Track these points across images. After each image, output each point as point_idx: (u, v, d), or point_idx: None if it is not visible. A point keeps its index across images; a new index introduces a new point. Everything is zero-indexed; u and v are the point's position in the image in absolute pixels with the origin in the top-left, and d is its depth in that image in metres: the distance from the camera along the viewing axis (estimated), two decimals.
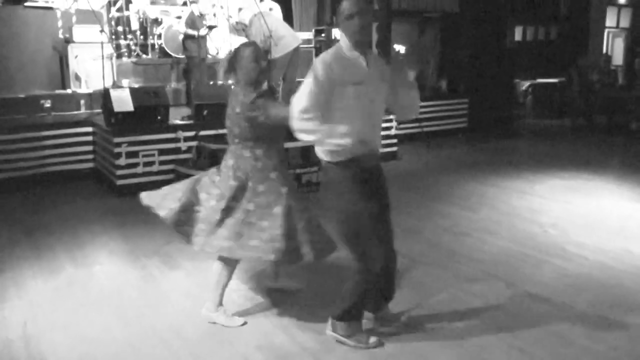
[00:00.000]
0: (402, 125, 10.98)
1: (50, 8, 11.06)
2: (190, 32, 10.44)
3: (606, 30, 20.43)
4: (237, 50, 4.45)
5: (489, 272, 5.43)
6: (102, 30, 10.23)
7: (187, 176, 8.24)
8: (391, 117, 10.45)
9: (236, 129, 4.35)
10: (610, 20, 20.51)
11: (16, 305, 4.94)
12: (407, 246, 6.07)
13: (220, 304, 4.56)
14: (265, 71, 4.47)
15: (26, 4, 10.92)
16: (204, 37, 10.53)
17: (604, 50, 19.72)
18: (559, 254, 5.86)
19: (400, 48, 11.81)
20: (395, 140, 10.66)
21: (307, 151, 8.44)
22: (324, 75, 3.74)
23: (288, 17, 11.43)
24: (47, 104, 9.89)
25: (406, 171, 9.75)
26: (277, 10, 10.89)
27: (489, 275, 5.37)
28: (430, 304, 4.83)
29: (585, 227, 6.72)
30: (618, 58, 20.27)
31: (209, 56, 11.29)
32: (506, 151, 11.61)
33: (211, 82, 10.85)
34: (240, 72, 4.37)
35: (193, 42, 10.33)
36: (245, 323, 4.52)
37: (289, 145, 8.29)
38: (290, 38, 9.78)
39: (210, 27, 11.12)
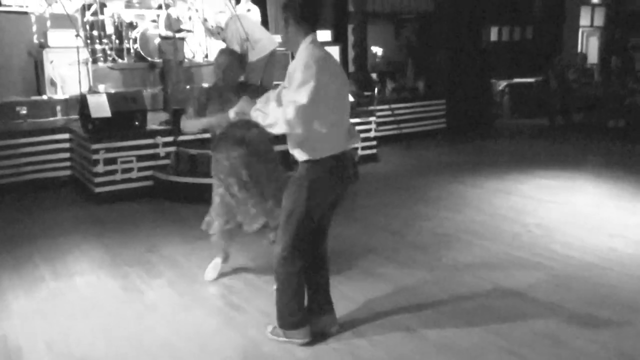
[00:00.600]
0: (380, 127, 10.93)
1: (25, 12, 10.87)
2: (168, 34, 10.32)
3: (580, 29, 20.58)
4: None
5: (476, 274, 5.40)
6: (77, 35, 10.10)
7: (167, 182, 8.27)
8: (370, 119, 10.43)
9: None
10: (584, 20, 20.65)
11: None
12: (392, 249, 6.09)
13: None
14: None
15: (0, 8, 10.71)
16: (180, 40, 10.42)
17: (579, 49, 19.85)
18: (545, 254, 5.84)
19: (377, 50, 11.90)
20: (374, 143, 10.61)
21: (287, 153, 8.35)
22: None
23: (263, 20, 11.36)
24: (23, 110, 9.77)
25: (386, 173, 9.73)
26: (256, 12, 10.84)
27: (477, 277, 5.33)
28: (418, 307, 4.78)
29: (568, 225, 6.72)
30: (593, 56, 20.42)
31: (186, 60, 11.18)
32: (485, 151, 11.63)
33: (188, 86, 10.74)
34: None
35: (170, 45, 10.23)
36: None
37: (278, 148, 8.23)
38: (267, 41, 9.75)
39: (187, 31, 11.01)
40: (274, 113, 3.80)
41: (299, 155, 3.91)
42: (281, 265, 4.06)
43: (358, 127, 10.25)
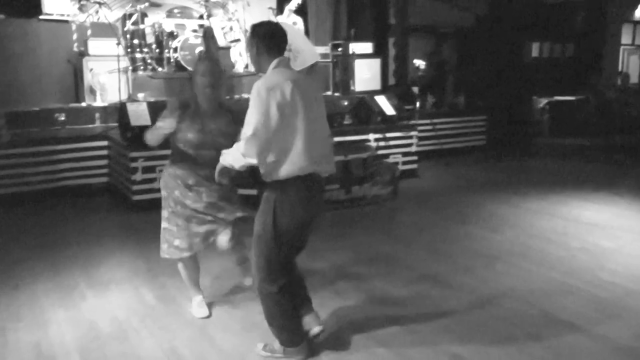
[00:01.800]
0: (421, 142, 10.78)
1: (66, 21, 10.97)
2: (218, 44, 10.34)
3: (622, 48, 20.24)
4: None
5: (522, 300, 5.17)
6: (118, 43, 10.15)
7: None
8: (411, 134, 10.30)
9: None
10: (626, 38, 20.33)
11: (30, 325, 4.79)
12: (434, 269, 5.91)
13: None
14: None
15: (41, 17, 10.84)
16: (224, 51, 10.41)
17: (620, 68, 19.53)
18: (591, 280, 5.59)
19: (419, 63, 11.77)
20: (415, 158, 10.45)
21: None
22: None
23: (305, 30, 11.30)
24: (62, 117, 9.79)
25: (426, 189, 9.56)
26: (300, 24, 10.82)
27: (522, 303, 5.11)
28: (463, 332, 4.61)
29: (613, 251, 6.46)
30: (634, 76, 20.06)
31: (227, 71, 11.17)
32: (525, 170, 11.38)
33: (227, 97, 10.72)
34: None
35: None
36: None
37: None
38: (308, 53, 9.70)
39: (236, 40, 11.01)
40: (233, 151, 3.90)
41: (265, 175, 3.89)
42: (261, 287, 4.05)
43: (399, 142, 10.15)
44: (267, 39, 3.92)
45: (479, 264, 6.06)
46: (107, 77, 10.46)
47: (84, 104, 10.47)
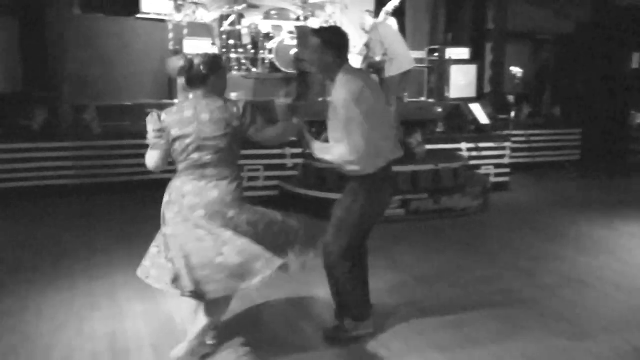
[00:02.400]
0: (514, 154, 10.38)
1: (162, 20, 11.13)
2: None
3: None
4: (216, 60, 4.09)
5: (615, 333, 4.73)
6: (213, 43, 10.21)
7: (292, 194, 8.15)
8: (505, 144, 9.93)
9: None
10: None
11: (106, 316, 4.79)
12: (520, 290, 5.55)
13: None
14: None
15: (138, 15, 11.05)
16: None
17: None
18: None
19: (516, 71, 11.37)
20: (507, 170, 10.07)
21: (417, 176, 8.05)
22: None
23: (401, 33, 11.06)
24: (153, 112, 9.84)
25: (517, 204, 9.15)
26: (396, 27, 10.63)
27: (615, 337, 4.67)
28: (537, 355, 4.30)
29: None
30: None
31: None
32: (623, 190, 10.68)
33: (320, 99, 10.61)
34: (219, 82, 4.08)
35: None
36: None
37: (398, 169, 7.94)
38: (404, 59, 9.50)
39: None
40: (333, 152, 4.11)
41: (353, 171, 4.15)
42: (335, 268, 4.27)
43: (491, 152, 9.81)
44: (342, 47, 4.17)
45: (565, 288, 5.63)
46: None
47: (176, 101, 10.54)
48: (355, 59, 11.40)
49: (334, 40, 4.14)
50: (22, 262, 5.97)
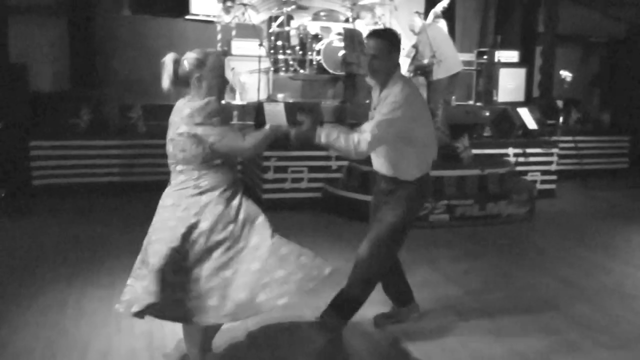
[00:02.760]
0: (561, 161, 10.13)
1: (211, 22, 11.20)
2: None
3: None
4: (199, 58, 3.88)
5: None
6: (261, 44, 10.23)
7: (336, 196, 8.10)
8: (552, 151, 9.71)
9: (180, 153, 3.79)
10: None
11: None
12: (568, 303, 5.34)
13: None
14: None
15: (187, 17, 11.13)
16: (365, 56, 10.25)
17: None
18: None
19: (566, 75, 11.12)
20: (554, 177, 9.82)
21: (463, 181, 7.93)
22: None
23: (450, 35, 10.94)
24: None
25: (564, 213, 8.89)
26: (445, 29, 10.53)
27: None
28: None
29: None
30: None
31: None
32: None
33: (367, 101, 10.55)
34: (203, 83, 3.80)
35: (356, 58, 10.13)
36: None
37: (443, 173, 7.84)
38: (453, 61, 9.40)
39: None
40: (347, 138, 4.02)
41: (399, 176, 4.25)
42: (377, 269, 4.36)
43: (538, 158, 9.62)
44: (399, 49, 4.23)
45: (614, 302, 5.41)
46: (248, 77, 10.56)
47: (222, 102, 10.55)
48: (402, 62, 11.33)
49: (398, 44, 4.19)
50: (64, 258, 6.02)
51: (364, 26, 11.23)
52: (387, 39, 4.15)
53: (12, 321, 4.56)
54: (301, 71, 11.22)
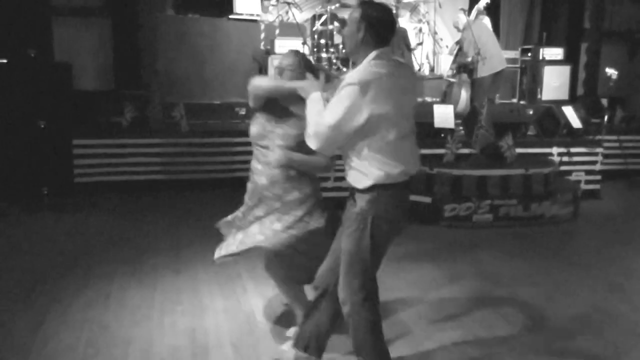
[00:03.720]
0: (605, 160, 9.91)
1: (255, 21, 11.24)
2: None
3: None
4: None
5: None
6: (304, 43, 10.22)
7: None
8: (597, 150, 9.51)
9: None
10: None
11: (187, 311, 4.80)
12: (613, 307, 5.21)
13: None
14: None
15: (230, 16, 11.19)
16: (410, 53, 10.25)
17: None
18: None
19: (612, 72, 10.89)
20: (598, 177, 9.60)
21: (507, 181, 7.81)
22: None
23: (495, 32, 10.82)
24: (242, 111, 9.97)
25: (608, 214, 8.66)
26: (489, 26, 10.46)
27: None
28: None
29: None
30: None
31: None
32: None
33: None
34: None
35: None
36: None
37: (487, 173, 7.74)
38: (497, 59, 9.32)
39: (418, 44, 10.85)
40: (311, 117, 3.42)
41: (360, 181, 3.40)
42: (358, 313, 3.47)
43: (582, 158, 9.43)
44: (379, 26, 3.39)
45: None
46: None
47: None
48: (446, 59, 11.29)
49: (376, 19, 3.37)
50: (106, 255, 6.06)
51: (406, 24, 11.17)
52: (362, 14, 3.37)
53: (55, 318, 4.60)
54: (344, 69, 11.18)
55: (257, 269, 5.60)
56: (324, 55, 11.16)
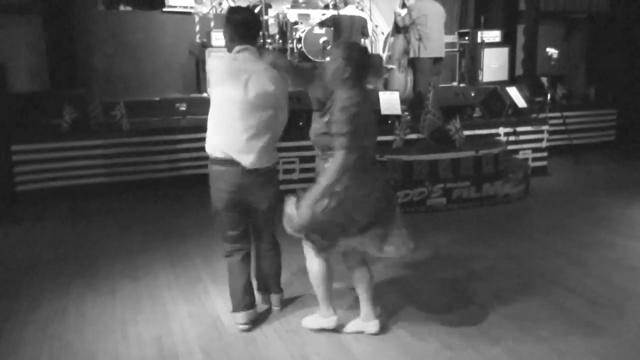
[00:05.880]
0: (551, 137, 10.05)
1: (189, 13, 10.97)
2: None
3: None
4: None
5: None
6: None
7: None
8: (542, 128, 9.62)
9: None
10: None
11: (151, 319, 4.61)
12: (575, 280, 5.30)
13: None
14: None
15: (164, 9, 10.89)
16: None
17: None
18: None
19: (552, 52, 11.02)
20: (545, 154, 9.75)
21: (457, 163, 7.80)
22: None
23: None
24: (182, 107, 9.72)
25: (558, 189, 8.82)
26: (440, 8, 10.53)
27: None
28: (603, 350, 4.08)
29: None
30: None
31: None
32: None
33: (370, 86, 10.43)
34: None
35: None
36: None
37: (438, 157, 7.73)
38: (438, 45, 9.34)
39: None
40: None
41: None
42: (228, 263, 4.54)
43: (529, 136, 9.53)
44: (239, 26, 4.20)
45: (619, 276, 5.39)
46: None
47: (205, 95, 10.39)
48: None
49: (235, 21, 4.26)
50: (58, 266, 5.76)
51: (347, 11, 11.11)
52: (226, 19, 4.30)
53: (11, 338, 4.34)
54: None
55: (218, 270, 5.49)
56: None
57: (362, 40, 11.05)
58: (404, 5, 10.27)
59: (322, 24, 10.97)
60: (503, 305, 4.78)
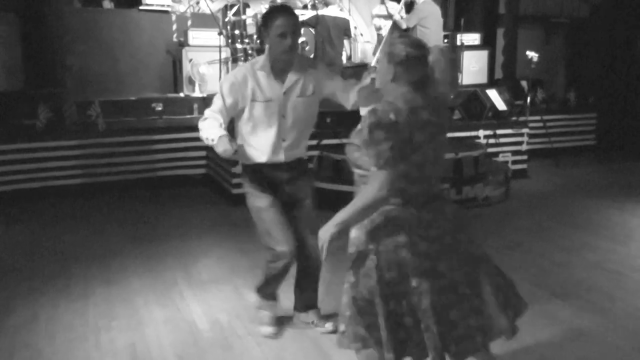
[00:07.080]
0: (531, 140, 10.05)
1: (166, 12, 10.83)
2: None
3: None
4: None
5: None
6: (220, 33, 9.89)
7: None
8: (522, 131, 9.61)
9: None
10: None
11: (124, 325, 4.47)
12: (557, 283, 5.27)
13: None
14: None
15: (141, 7, 10.75)
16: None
17: None
18: None
19: (532, 55, 11.01)
20: (525, 157, 9.75)
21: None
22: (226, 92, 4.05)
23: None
24: (159, 107, 9.62)
25: (538, 192, 8.80)
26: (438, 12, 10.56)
27: None
28: (587, 354, 4.04)
29: None
30: None
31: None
32: None
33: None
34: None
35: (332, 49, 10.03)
36: None
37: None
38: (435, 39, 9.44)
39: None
40: None
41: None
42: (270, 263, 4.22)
43: (509, 139, 9.51)
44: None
45: (602, 279, 5.37)
46: (207, 68, 10.22)
47: (182, 95, 10.27)
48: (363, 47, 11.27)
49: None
50: (32, 269, 5.61)
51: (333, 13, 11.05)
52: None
53: None
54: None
55: (194, 274, 5.39)
56: (239, 46, 10.83)
57: (345, 41, 10.97)
58: (408, 11, 10.25)
59: (302, 24, 10.86)
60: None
